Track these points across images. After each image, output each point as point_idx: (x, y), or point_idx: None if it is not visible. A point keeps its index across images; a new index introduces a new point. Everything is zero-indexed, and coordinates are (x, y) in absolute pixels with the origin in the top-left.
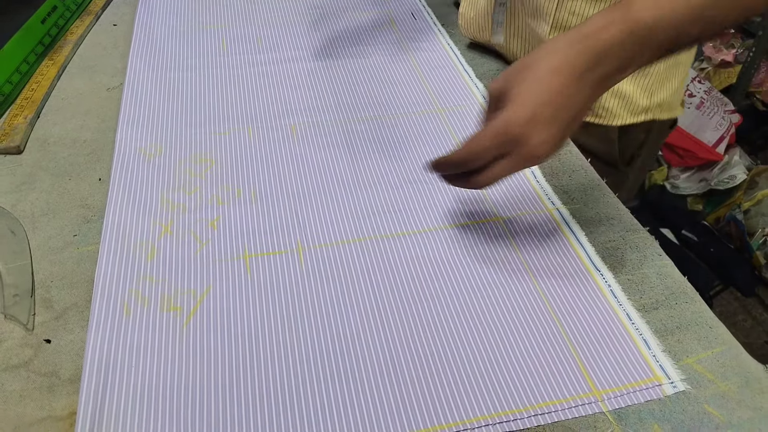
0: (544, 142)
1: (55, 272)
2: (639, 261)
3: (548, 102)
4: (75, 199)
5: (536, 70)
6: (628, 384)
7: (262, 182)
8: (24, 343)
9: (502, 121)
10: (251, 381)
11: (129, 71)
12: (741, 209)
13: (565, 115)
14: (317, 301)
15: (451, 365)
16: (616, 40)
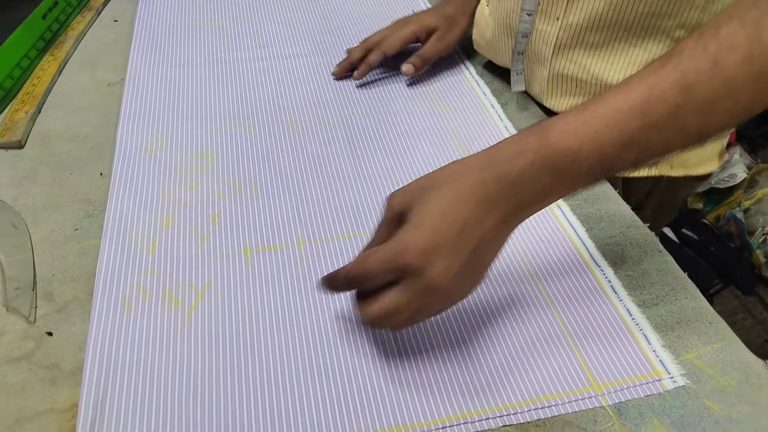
0: (443, 274)
1: (56, 266)
2: (639, 257)
3: (449, 230)
4: (76, 193)
5: (440, 193)
6: (628, 378)
7: (263, 177)
8: (26, 335)
9: (397, 245)
10: (252, 374)
11: (130, 67)
12: (741, 208)
13: (471, 244)
14: (318, 296)
15: (452, 359)
16: (529, 170)
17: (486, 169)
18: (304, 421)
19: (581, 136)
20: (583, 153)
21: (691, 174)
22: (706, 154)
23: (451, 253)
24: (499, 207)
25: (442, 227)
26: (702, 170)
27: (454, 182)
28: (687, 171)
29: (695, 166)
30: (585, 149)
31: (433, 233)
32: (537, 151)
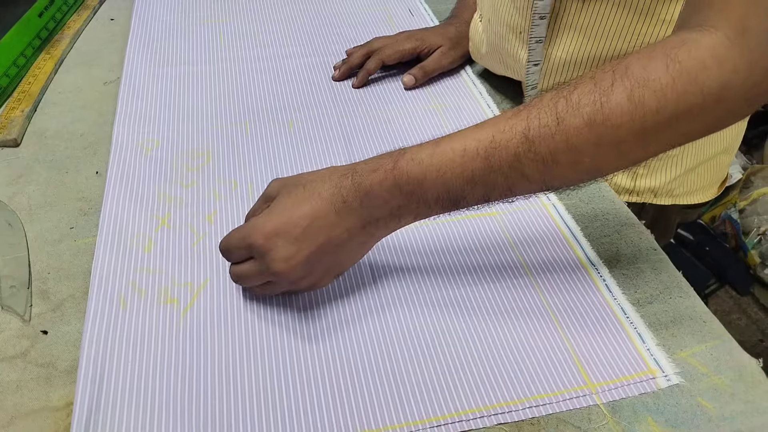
0: (282, 259)
1: (51, 264)
2: (634, 255)
3: (297, 224)
4: (72, 191)
5: (302, 188)
6: (623, 377)
7: (258, 176)
8: (21, 334)
9: (250, 227)
10: (247, 373)
11: (126, 65)
12: (736, 208)
13: (319, 240)
14: (313, 294)
15: (446, 357)
16: (379, 186)
17: (348, 177)
18: (299, 419)
19: (426, 167)
20: (427, 183)
21: (680, 203)
22: (698, 184)
23: (295, 243)
24: (355, 213)
25: (291, 218)
26: (693, 200)
27: (320, 182)
28: (675, 200)
29: (684, 196)
30: (429, 180)
31: (282, 222)
32: (387, 172)
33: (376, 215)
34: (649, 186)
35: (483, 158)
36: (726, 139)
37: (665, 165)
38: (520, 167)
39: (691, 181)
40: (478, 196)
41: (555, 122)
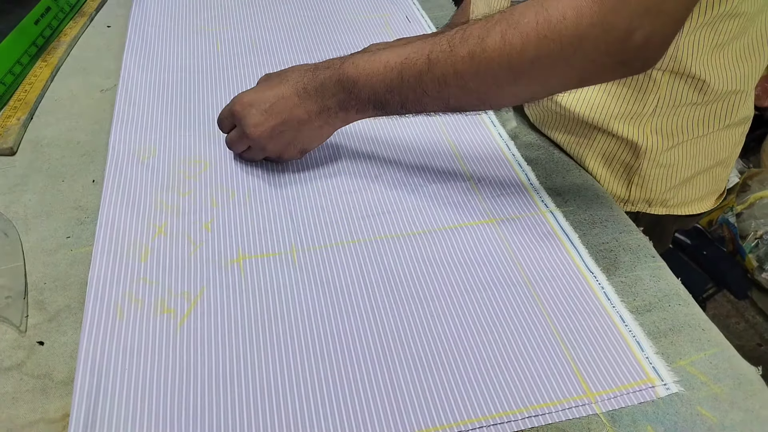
0: (254, 124)
1: (48, 274)
2: (632, 263)
3: (267, 99)
4: (68, 200)
5: (278, 77)
6: (622, 386)
7: (255, 184)
8: (17, 345)
9: (235, 99)
10: (245, 383)
11: (123, 73)
12: (733, 212)
13: (284, 115)
14: (311, 303)
15: (445, 367)
16: (329, 80)
17: (310, 71)
18: (297, 429)
19: (360, 71)
20: (360, 84)
21: (675, 213)
22: (694, 195)
23: (264, 114)
24: (312, 99)
25: (265, 94)
26: (687, 210)
27: (291, 72)
28: (669, 210)
29: (679, 206)
30: (361, 82)
31: (257, 96)
32: (335, 70)
33: (327, 104)
34: (643, 196)
35: (398, 72)
36: (722, 152)
37: (659, 176)
38: (422, 85)
39: (685, 192)
40: (396, 104)
41: (449, 49)
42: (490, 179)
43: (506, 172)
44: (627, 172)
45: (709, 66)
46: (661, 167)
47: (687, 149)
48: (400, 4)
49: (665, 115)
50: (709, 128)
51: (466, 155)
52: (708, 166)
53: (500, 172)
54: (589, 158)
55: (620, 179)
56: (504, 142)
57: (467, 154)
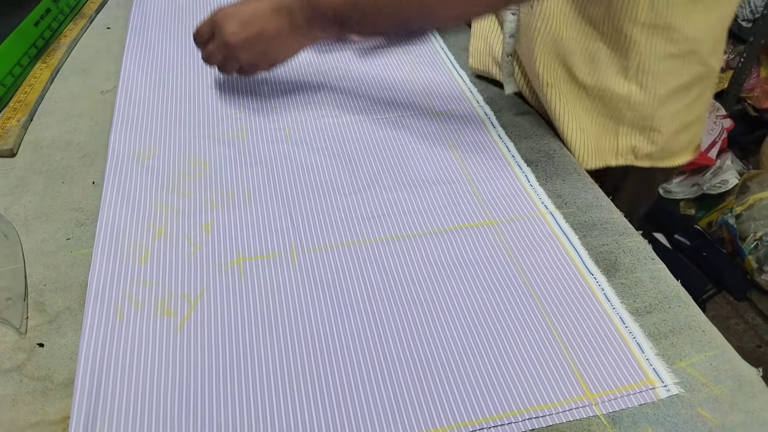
0: (232, 33)
1: (48, 276)
2: (632, 265)
3: (246, 12)
4: (68, 202)
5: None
6: (622, 387)
7: (255, 185)
8: (17, 347)
9: (215, 11)
10: (245, 385)
11: (123, 74)
12: (733, 214)
13: (258, 27)
14: (311, 305)
15: (446, 368)
16: (297, 4)
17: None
18: (297, 430)
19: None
20: (323, 5)
21: (659, 166)
22: (674, 149)
23: (240, 24)
24: (284, 17)
25: (243, 8)
26: (670, 163)
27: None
28: (653, 163)
29: (661, 160)
30: (325, 3)
31: (236, 9)
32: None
33: (297, 20)
34: (631, 145)
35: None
36: (698, 108)
37: (646, 130)
38: (374, 2)
39: (669, 147)
40: (355, 22)
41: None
42: (490, 181)
43: (506, 173)
44: (615, 125)
45: (684, 16)
46: (651, 129)
47: (667, 102)
48: None
49: (648, 71)
50: (686, 77)
51: (466, 157)
52: (689, 121)
53: (500, 173)
54: (580, 113)
55: (609, 132)
56: (504, 144)
57: (467, 156)
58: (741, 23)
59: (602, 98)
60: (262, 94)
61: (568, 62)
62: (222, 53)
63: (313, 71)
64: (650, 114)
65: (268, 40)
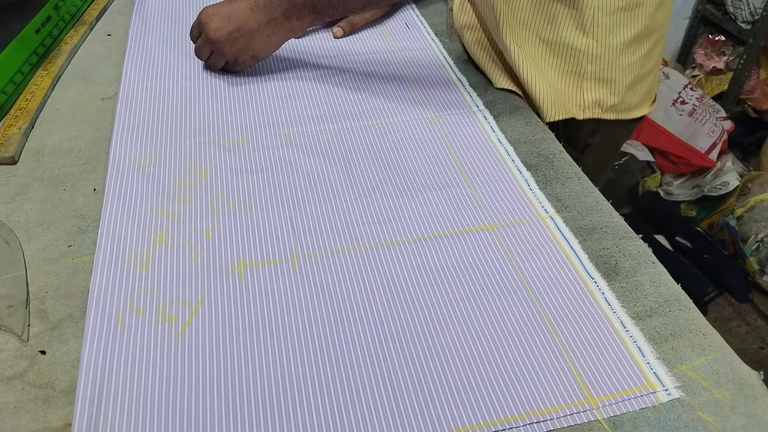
0: (215, 29)
1: (49, 283)
2: (633, 268)
3: (227, 11)
4: (70, 209)
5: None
6: (623, 391)
7: (256, 191)
8: (19, 354)
9: (201, 11)
10: (246, 391)
11: (123, 81)
12: (734, 215)
13: (239, 23)
14: (312, 311)
15: (446, 373)
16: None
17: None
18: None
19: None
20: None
21: (623, 118)
22: (634, 102)
23: (222, 21)
24: (261, 12)
25: (225, 7)
26: (631, 115)
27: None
28: (618, 115)
29: (624, 112)
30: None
31: (219, 8)
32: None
33: (274, 15)
34: (596, 98)
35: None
36: (651, 62)
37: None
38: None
39: (628, 99)
40: (326, 5)
41: None
42: (490, 185)
43: (506, 177)
44: (579, 80)
45: None
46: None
47: (622, 55)
48: (399, 11)
49: (601, 25)
50: (636, 30)
51: (465, 161)
52: (644, 73)
53: (500, 177)
54: (546, 70)
55: (575, 87)
56: (504, 148)
57: (467, 161)
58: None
59: (565, 54)
60: (262, 101)
61: (530, 24)
62: (208, 48)
63: (312, 77)
64: (608, 65)
65: (249, 34)
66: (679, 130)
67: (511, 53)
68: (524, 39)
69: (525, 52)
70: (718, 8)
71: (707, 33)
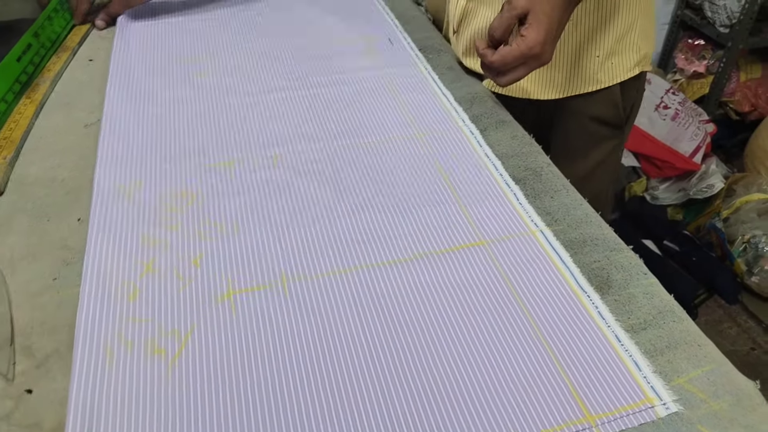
0: (551, 54)
1: (35, 318)
2: (625, 281)
3: (554, 29)
4: (54, 240)
5: (549, 3)
6: (621, 408)
7: (243, 214)
8: (4, 394)
9: (528, 44)
10: (240, 421)
11: (106, 106)
12: (720, 217)
13: (558, 35)
14: (304, 336)
15: (442, 394)
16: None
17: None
18: None
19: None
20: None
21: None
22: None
23: (554, 40)
24: (571, 7)
25: (552, 27)
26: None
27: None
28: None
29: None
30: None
31: (547, 32)
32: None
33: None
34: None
35: None
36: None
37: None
38: None
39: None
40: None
41: None
42: (479, 200)
43: (495, 192)
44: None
45: None
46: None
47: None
48: (382, 27)
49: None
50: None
51: (454, 177)
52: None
53: (489, 192)
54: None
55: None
56: (491, 163)
57: (455, 176)
58: (719, 29)
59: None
60: (248, 122)
61: None
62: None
63: (297, 97)
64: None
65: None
66: (663, 135)
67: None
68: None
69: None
70: (697, 13)
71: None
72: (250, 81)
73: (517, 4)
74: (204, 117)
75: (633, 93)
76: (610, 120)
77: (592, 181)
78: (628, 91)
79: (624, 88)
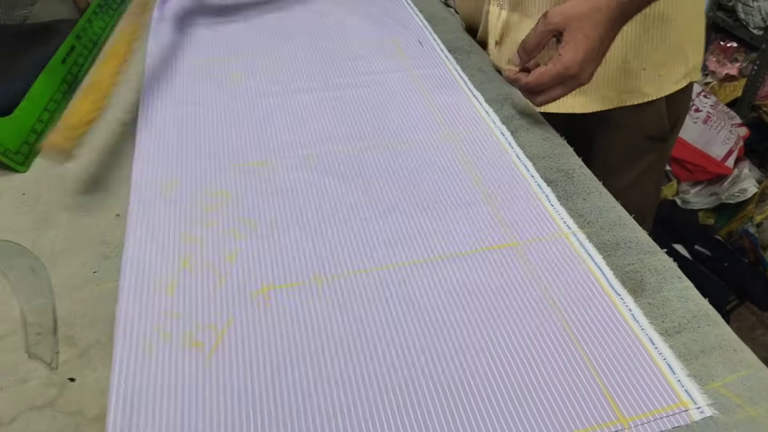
0: (590, 74)
1: (76, 310)
2: (659, 284)
3: (595, 48)
4: (93, 235)
5: (589, 21)
6: (655, 410)
7: (278, 213)
8: (48, 382)
9: (565, 64)
10: (275, 415)
11: (142, 106)
12: (753, 222)
13: (602, 54)
14: (337, 331)
15: (474, 394)
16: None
17: (612, 4)
18: None
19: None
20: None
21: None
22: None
23: (595, 60)
24: (618, 25)
25: (591, 46)
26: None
27: (597, 12)
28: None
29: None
30: None
31: (586, 52)
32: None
33: (623, 24)
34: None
35: None
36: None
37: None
38: None
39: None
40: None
41: None
42: (510, 202)
43: (526, 194)
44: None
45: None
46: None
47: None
48: (412, 28)
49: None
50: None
51: (485, 179)
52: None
53: (520, 194)
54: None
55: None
56: (523, 164)
57: (486, 178)
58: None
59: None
60: (281, 122)
61: None
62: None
63: (328, 98)
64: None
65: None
66: (694, 138)
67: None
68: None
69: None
70: (729, 15)
71: (719, 40)
72: (281, 82)
73: (552, 19)
74: (236, 117)
75: (679, 105)
76: (655, 133)
77: (633, 194)
78: (674, 103)
79: (670, 100)
